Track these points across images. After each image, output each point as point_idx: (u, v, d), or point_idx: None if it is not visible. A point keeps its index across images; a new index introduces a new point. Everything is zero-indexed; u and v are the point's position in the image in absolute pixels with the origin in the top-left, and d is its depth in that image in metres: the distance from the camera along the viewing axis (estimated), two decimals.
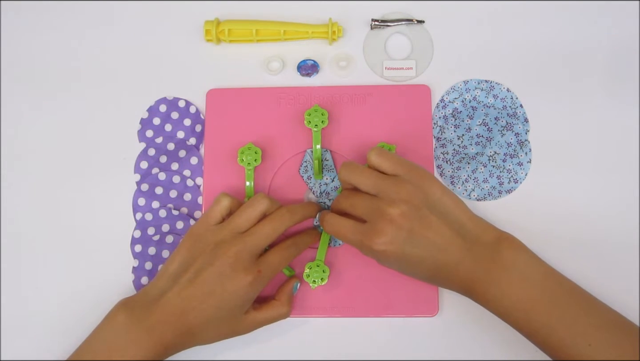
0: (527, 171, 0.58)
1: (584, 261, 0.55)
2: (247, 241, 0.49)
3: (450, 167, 0.58)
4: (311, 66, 0.60)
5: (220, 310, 0.48)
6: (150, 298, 0.49)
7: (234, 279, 0.48)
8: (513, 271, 0.47)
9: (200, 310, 0.48)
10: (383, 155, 0.50)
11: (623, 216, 0.56)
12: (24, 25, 0.64)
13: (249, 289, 0.49)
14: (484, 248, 0.48)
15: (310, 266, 0.53)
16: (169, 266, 0.50)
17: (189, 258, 0.50)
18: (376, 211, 0.48)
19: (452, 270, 0.48)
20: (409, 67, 0.61)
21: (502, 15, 0.62)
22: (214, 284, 0.48)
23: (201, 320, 0.48)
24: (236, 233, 0.50)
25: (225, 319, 0.49)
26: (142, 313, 0.48)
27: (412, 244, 0.47)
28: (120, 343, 0.47)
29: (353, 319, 0.55)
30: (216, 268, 0.48)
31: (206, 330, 0.49)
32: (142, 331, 0.48)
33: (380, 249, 0.47)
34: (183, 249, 0.51)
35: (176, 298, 0.48)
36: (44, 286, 0.57)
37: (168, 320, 0.48)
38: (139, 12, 0.63)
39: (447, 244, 0.48)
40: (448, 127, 0.59)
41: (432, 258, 0.48)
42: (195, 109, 0.60)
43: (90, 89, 0.62)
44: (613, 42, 0.61)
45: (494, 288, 0.47)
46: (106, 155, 0.60)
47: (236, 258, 0.48)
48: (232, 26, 0.61)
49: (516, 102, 0.59)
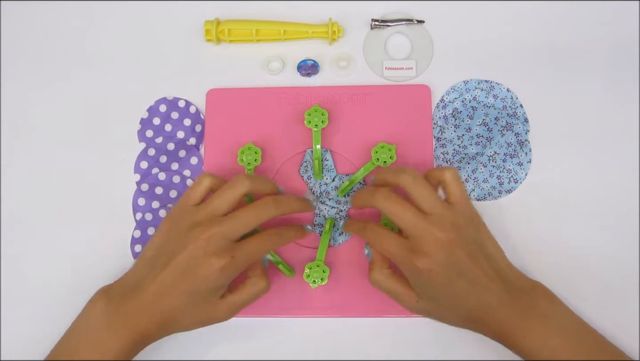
0: (527, 171, 0.58)
1: (584, 260, 0.55)
2: (223, 224, 0.47)
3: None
4: (311, 66, 0.60)
5: (192, 294, 0.47)
6: (127, 285, 0.48)
7: (205, 263, 0.46)
8: (552, 321, 0.47)
9: (172, 296, 0.47)
10: (457, 181, 0.49)
11: (623, 216, 0.56)
12: (24, 25, 0.64)
13: (221, 275, 0.46)
14: (521, 293, 0.48)
15: (310, 266, 0.53)
16: (147, 251, 0.49)
17: (166, 241, 0.48)
18: (425, 231, 0.46)
19: (491, 312, 0.47)
20: (409, 67, 0.61)
21: (502, 16, 0.62)
22: (186, 268, 0.46)
23: (174, 306, 0.47)
24: (214, 215, 0.48)
25: (199, 304, 0.48)
26: (119, 300, 0.47)
27: (459, 274, 0.46)
28: (99, 334, 0.47)
29: (353, 319, 0.55)
30: (189, 251, 0.46)
31: (181, 316, 0.48)
32: (119, 320, 0.47)
33: (426, 268, 0.45)
34: (160, 232, 0.49)
35: (151, 284, 0.47)
36: (44, 286, 0.57)
37: (143, 307, 0.47)
38: (139, 12, 0.63)
39: (491, 283, 0.47)
40: (448, 127, 0.59)
41: (476, 294, 0.47)
42: (195, 109, 0.60)
43: (91, 89, 0.62)
44: (613, 42, 0.61)
45: (534, 337, 0.46)
46: (106, 155, 0.60)
47: (209, 242, 0.46)
48: (232, 26, 0.61)
49: (516, 102, 0.59)
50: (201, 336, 0.55)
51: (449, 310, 0.49)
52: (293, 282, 0.55)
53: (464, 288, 0.46)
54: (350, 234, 0.56)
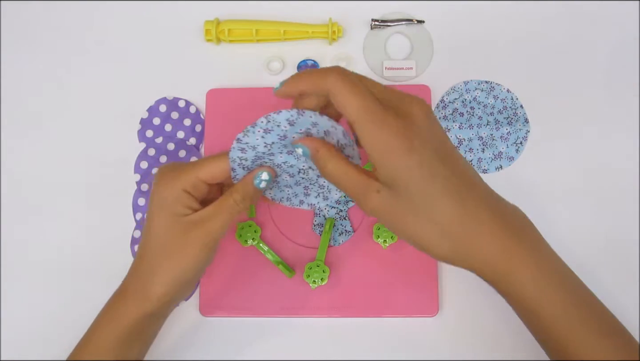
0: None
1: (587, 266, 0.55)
2: (184, 162, 0.47)
3: None
4: (311, 66, 0.60)
5: (152, 218, 0.45)
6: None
7: (155, 185, 0.45)
8: (540, 255, 0.41)
9: (144, 237, 0.46)
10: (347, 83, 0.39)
11: (624, 216, 0.56)
12: (24, 25, 0.64)
13: (172, 182, 0.44)
14: (506, 210, 0.41)
15: (311, 266, 0.53)
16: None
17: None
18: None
19: (486, 215, 0.40)
20: (409, 67, 0.61)
21: (502, 16, 0.62)
22: (150, 208, 0.46)
23: (148, 248, 0.45)
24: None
25: (168, 235, 0.45)
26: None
27: (442, 161, 0.39)
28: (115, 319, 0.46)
29: (353, 319, 0.55)
30: (152, 193, 0.46)
31: (157, 260, 0.45)
32: (124, 299, 0.46)
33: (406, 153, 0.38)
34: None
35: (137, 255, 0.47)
36: (43, 287, 0.57)
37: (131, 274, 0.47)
38: (139, 12, 0.63)
39: (477, 178, 0.41)
40: (448, 127, 0.59)
41: (464, 182, 0.40)
42: (195, 109, 0.60)
43: (91, 89, 0.62)
44: (613, 42, 0.61)
45: (526, 272, 0.40)
46: (106, 155, 0.60)
47: (162, 169, 0.46)
48: (232, 26, 0.61)
49: (516, 102, 0.59)
50: (201, 336, 0.55)
51: (433, 212, 0.39)
52: (293, 282, 0.55)
53: (446, 175, 0.39)
54: (350, 235, 0.56)
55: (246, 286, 0.55)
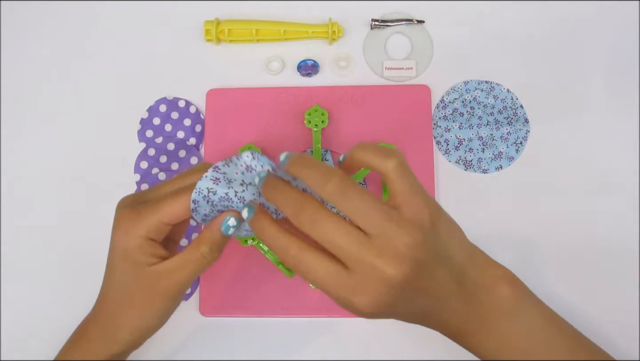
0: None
1: (584, 260, 0.55)
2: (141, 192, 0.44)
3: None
4: (311, 66, 0.60)
5: (115, 266, 0.43)
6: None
7: (115, 230, 0.43)
8: (514, 320, 0.41)
9: (106, 285, 0.44)
10: (404, 171, 0.39)
11: (624, 216, 0.56)
12: (24, 25, 0.64)
13: (130, 228, 0.42)
14: (482, 293, 0.40)
15: None
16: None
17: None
18: (367, 265, 0.35)
19: (444, 320, 0.40)
20: (409, 67, 0.61)
21: (502, 16, 0.62)
22: (111, 255, 0.43)
23: (110, 297, 0.44)
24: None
25: (131, 286, 0.43)
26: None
27: (407, 304, 0.38)
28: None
29: (353, 319, 0.55)
30: (112, 240, 0.44)
31: (121, 308, 0.43)
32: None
33: (367, 312, 0.37)
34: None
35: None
36: (43, 287, 0.57)
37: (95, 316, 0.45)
38: (139, 12, 0.63)
39: (447, 297, 0.39)
40: (448, 127, 0.59)
41: (426, 309, 0.39)
42: (195, 109, 0.60)
43: (91, 89, 0.62)
44: (613, 42, 0.61)
45: (491, 339, 0.41)
46: (106, 155, 0.60)
47: (121, 212, 0.43)
48: (232, 26, 0.61)
49: (516, 102, 0.59)
50: (201, 336, 0.55)
51: (393, 314, 0.39)
52: (293, 282, 0.55)
53: (410, 312, 0.39)
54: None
55: (246, 286, 0.55)
